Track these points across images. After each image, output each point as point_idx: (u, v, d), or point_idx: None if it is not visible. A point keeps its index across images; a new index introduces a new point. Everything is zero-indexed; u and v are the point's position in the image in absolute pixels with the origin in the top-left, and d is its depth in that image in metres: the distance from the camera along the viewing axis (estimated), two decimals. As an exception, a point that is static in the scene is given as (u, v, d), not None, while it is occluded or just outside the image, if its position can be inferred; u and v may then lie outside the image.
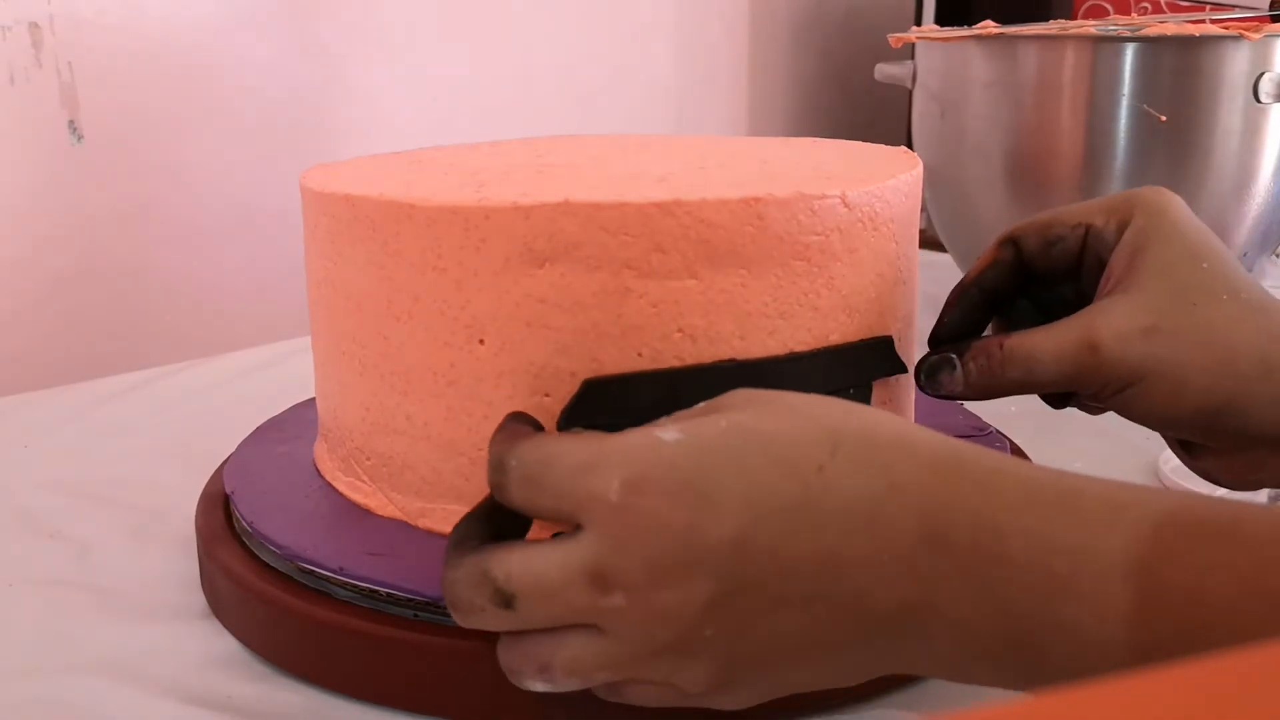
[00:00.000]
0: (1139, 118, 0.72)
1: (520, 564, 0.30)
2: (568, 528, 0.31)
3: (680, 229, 0.37)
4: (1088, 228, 0.42)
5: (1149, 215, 0.40)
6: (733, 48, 1.38)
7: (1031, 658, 0.28)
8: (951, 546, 0.28)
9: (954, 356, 0.42)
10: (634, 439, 0.30)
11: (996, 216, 0.79)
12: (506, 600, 0.30)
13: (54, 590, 0.48)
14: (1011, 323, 0.45)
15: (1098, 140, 0.74)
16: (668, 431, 0.30)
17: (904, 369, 0.44)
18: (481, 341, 0.39)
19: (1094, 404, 0.43)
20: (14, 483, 0.59)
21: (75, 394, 0.72)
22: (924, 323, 0.46)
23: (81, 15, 0.84)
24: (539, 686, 0.31)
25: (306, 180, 0.45)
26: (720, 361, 0.39)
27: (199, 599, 0.46)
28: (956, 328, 0.44)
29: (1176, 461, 0.44)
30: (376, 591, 0.39)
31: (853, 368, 0.41)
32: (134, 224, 0.90)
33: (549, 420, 0.39)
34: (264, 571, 0.43)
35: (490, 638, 0.37)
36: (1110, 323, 0.39)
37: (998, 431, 0.53)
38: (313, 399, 0.57)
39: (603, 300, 0.38)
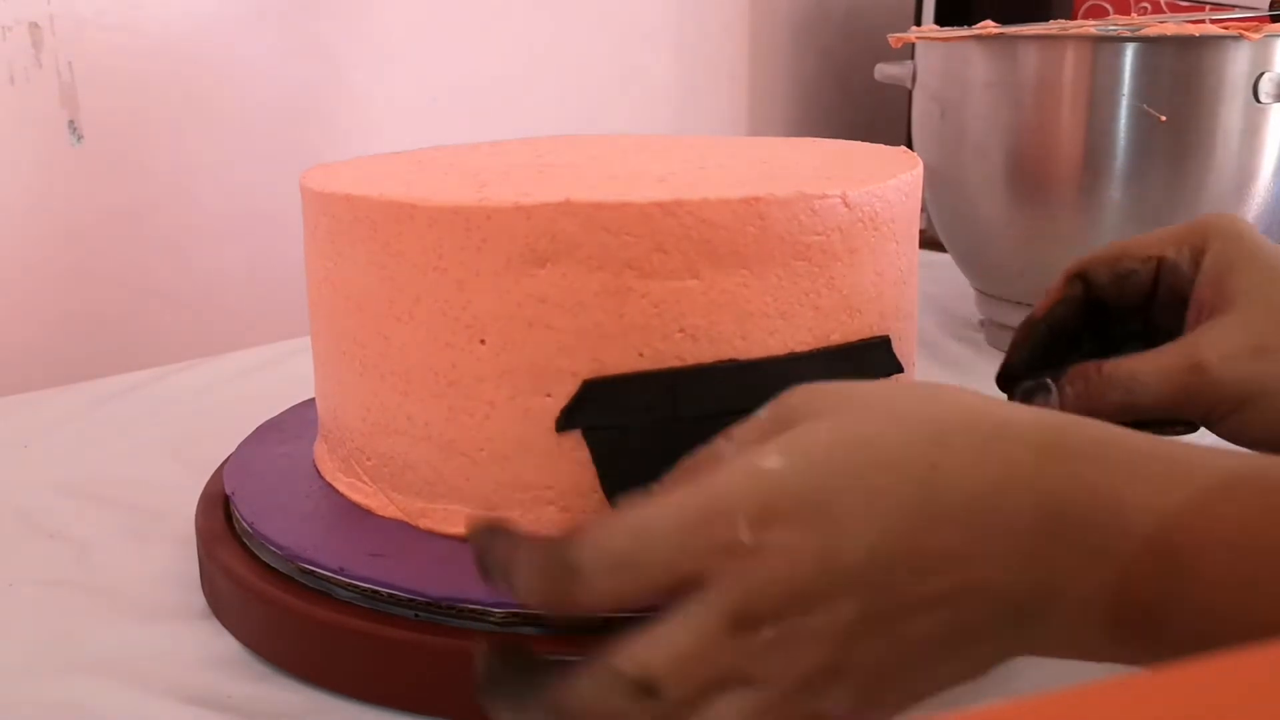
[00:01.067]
0: (1139, 118, 0.72)
1: (648, 647, 0.28)
2: (669, 595, 0.29)
3: (682, 229, 0.37)
4: (1160, 260, 0.42)
5: (1226, 240, 0.40)
6: (733, 48, 1.38)
7: (1152, 626, 0.28)
8: (1070, 525, 0.28)
9: (1049, 382, 0.41)
10: (734, 475, 0.29)
11: (996, 216, 0.79)
12: (649, 689, 0.28)
13: (54, 590, 0.48)
14: (1081, 358, 0.45)
15: (1098, 140, 0.74)
16: (765, 458, 0.29)
17: (900, 369, 0.44)
18: (483, 341, 0.39)
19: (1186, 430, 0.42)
20: (14, 483, 0.59)
21: (75, 394, 0.72)
22: (924, 322, 0.46)
23: (81, 15, 0.84)
24: None
25: (307, 180, 0.45)
26: (721, 361, 0.39)
27: (199, 599, 0.46)
28: (1025, 364, 0.44)
29: None
30: (378, 592, 0.39)
31: (852, 368, 0.42)
32: (134, 224, 0.90)
33: (549, 419, 0.39)
34: (264, 572, 0.43)
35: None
36: (1215, 344, 0.38)
37: None
38: (313, 399, 0.57)
39: (604, 300, 0.38)
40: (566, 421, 0.39)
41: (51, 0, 0.82)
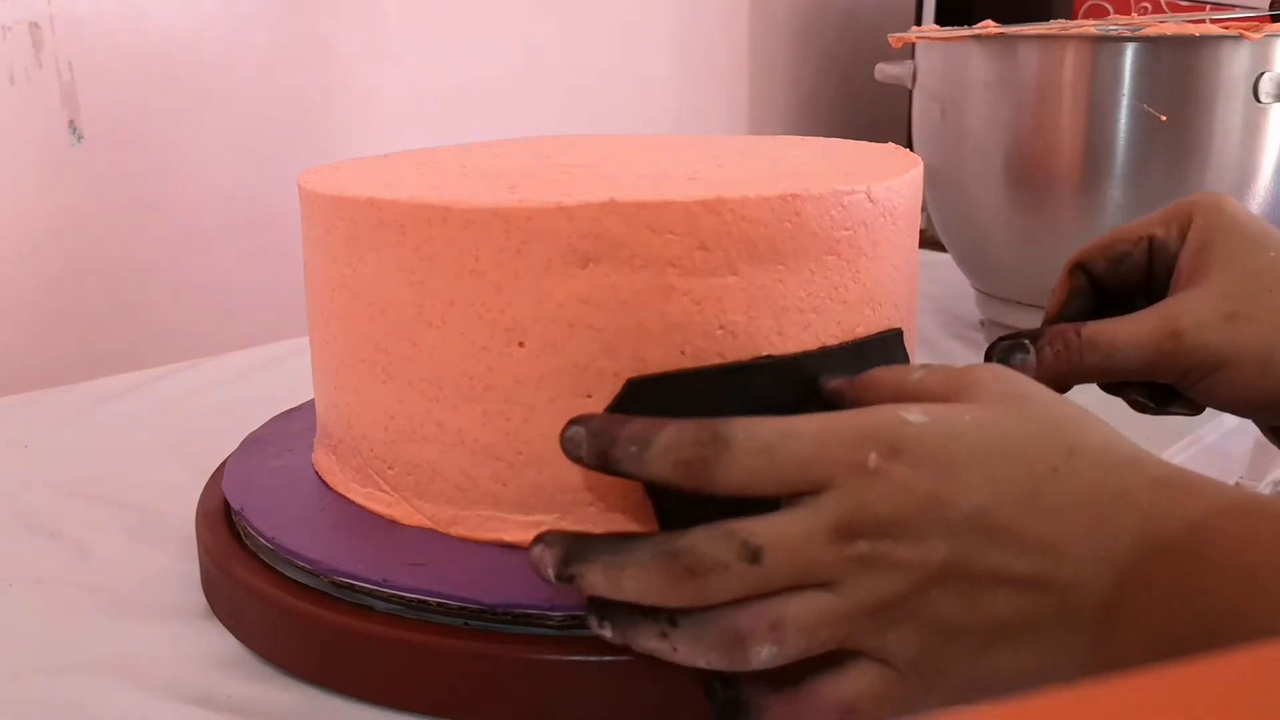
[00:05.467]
0: (1139, 118, 0.72)
1: (762, 524, 0.31)
2: (792, 496, 0.32)
3: (723, 226, 0.38)
4: (1150, 239, 0.43)
5: (1207, 214, 0.42)
6: (733, 48, 1.38)
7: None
8: (1163, 549, 0.30)
9: (1027, 341, 0.42)
10: (879, 415, 0.32)
11: (996, 216, 0.79)
12: (754, 554, 0.31)
13: (54, 590, 0.48)
14: None
15: (1098, 140, 0.74)
16: (912, 413, 0.32)
17: (908, 361, 0.44)
18: (521, 344, 0.39)
19: (1180, 409, 0.43)
20: (14, 483, 0.59)
21: (75, 394, 0.72)
22: (924, 322, 0.46)
23: (81, 15, 0.84)
24: (764, 653, 0.31)
25: (314, 184, 0.44)
26: (759, 358, 0.39)
27: (199, 599, 0.46)
28: None
29: (1184, 455, 0.44)
30: (426, 602, 0.38)
31: (873, 360, 0.42)
32: (134, 224, 0.90)
33: None
34: (290, 587, 0.41)
35: (498, 640, 0.37)
36: (1190, 311, 0.40)
37: None
38: (291, 411, 0.56)
39: (646, 299, 0.38)
40: None
41: (51, 0, 0.82)
